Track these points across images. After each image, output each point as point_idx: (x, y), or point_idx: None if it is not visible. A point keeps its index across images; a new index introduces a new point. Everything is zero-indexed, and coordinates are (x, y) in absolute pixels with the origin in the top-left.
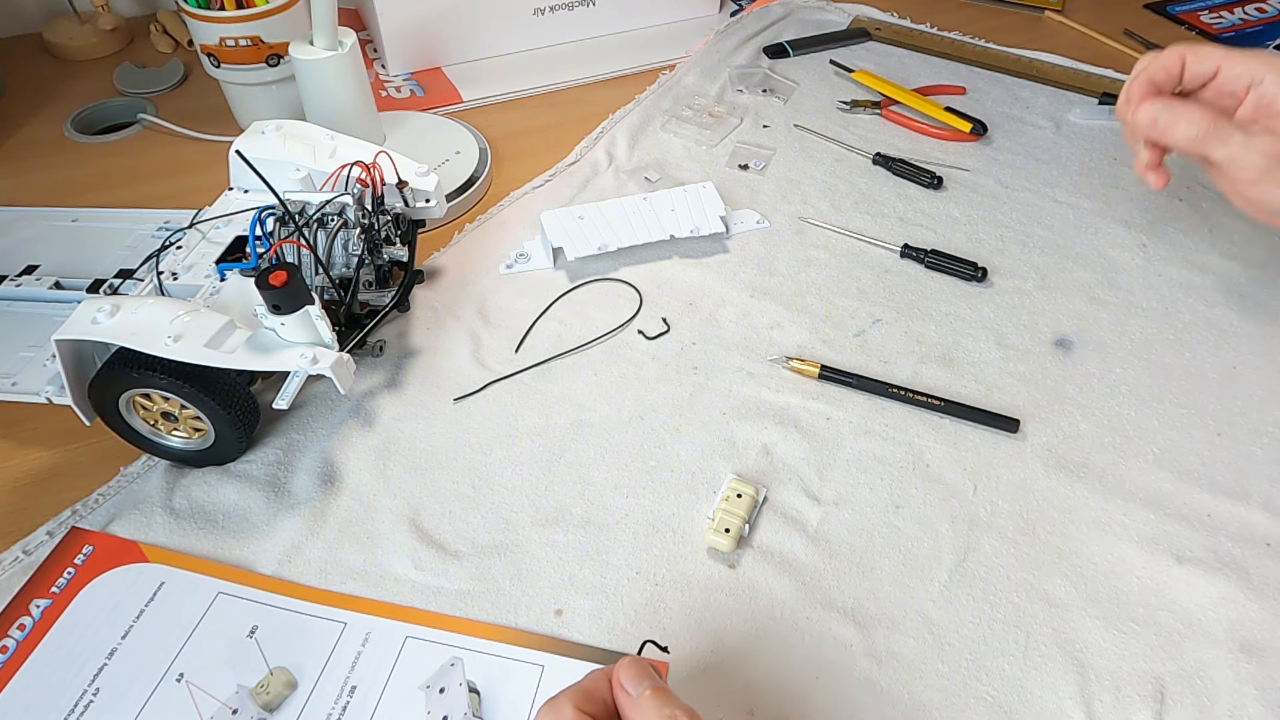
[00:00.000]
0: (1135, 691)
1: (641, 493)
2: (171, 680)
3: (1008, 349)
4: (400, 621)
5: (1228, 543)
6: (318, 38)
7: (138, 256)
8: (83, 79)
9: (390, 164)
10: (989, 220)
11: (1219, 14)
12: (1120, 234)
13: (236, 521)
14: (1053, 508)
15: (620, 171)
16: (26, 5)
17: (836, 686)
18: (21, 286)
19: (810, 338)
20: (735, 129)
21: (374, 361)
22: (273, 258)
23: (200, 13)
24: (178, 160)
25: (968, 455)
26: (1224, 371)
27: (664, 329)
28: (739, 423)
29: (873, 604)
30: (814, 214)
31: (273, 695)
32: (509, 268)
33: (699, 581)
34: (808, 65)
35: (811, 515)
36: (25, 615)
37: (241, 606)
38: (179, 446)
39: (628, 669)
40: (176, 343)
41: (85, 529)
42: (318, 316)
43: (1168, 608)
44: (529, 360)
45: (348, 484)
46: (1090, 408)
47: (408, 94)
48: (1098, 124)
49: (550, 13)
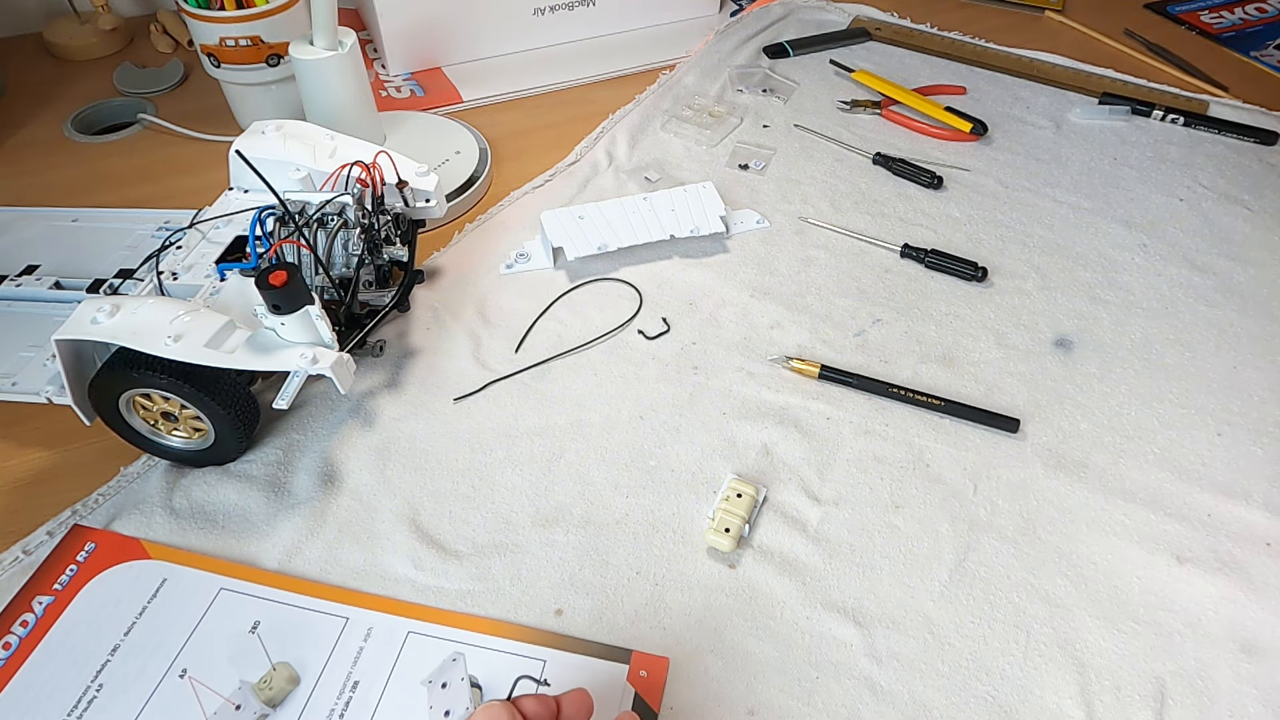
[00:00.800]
0: (1135, 691)
1: (641, 493)
2: (174, 676)
3: (1008, 349)
4: (402, 617)
5: (1228, 543)
6: (318, 38)
7: (138, 256)
8: (83, 79)
9: (390, 164)
10: (989, 220)
11: (1219, 14)
12: (1120, 234)
13: (237, 521)
14: (1053, 507)
15: (620, 171)
16: (26, 5)
17: (836, 686)
18: (21, 286)
19: (810, 338)
20: (735, 129)
21: (374, 361)
22: (273, 258)
23: (200, 13)
24: (178, 160)
25: (968, 455)
26: (1224, 371)
27: (664, 329)
28: (739, 423)
29: (873, 604)
30: (814, 214)
31: (275, 690)
32: (509, 268)
33: (699, 581)
34: (808, 65)
35: (811, 515)
36: (28, 612)
37: (244, 602)
38: (179, 446)
39: (530, 704)
40: (176, 343)
41: (87, 527)
42: (318, 316)
43: (1168, 608)
44: (529, 360)
45: (348, 484)
46: (1090, 408)
47: (408, 94)
48: (1098, 124)
49: (550, 13)
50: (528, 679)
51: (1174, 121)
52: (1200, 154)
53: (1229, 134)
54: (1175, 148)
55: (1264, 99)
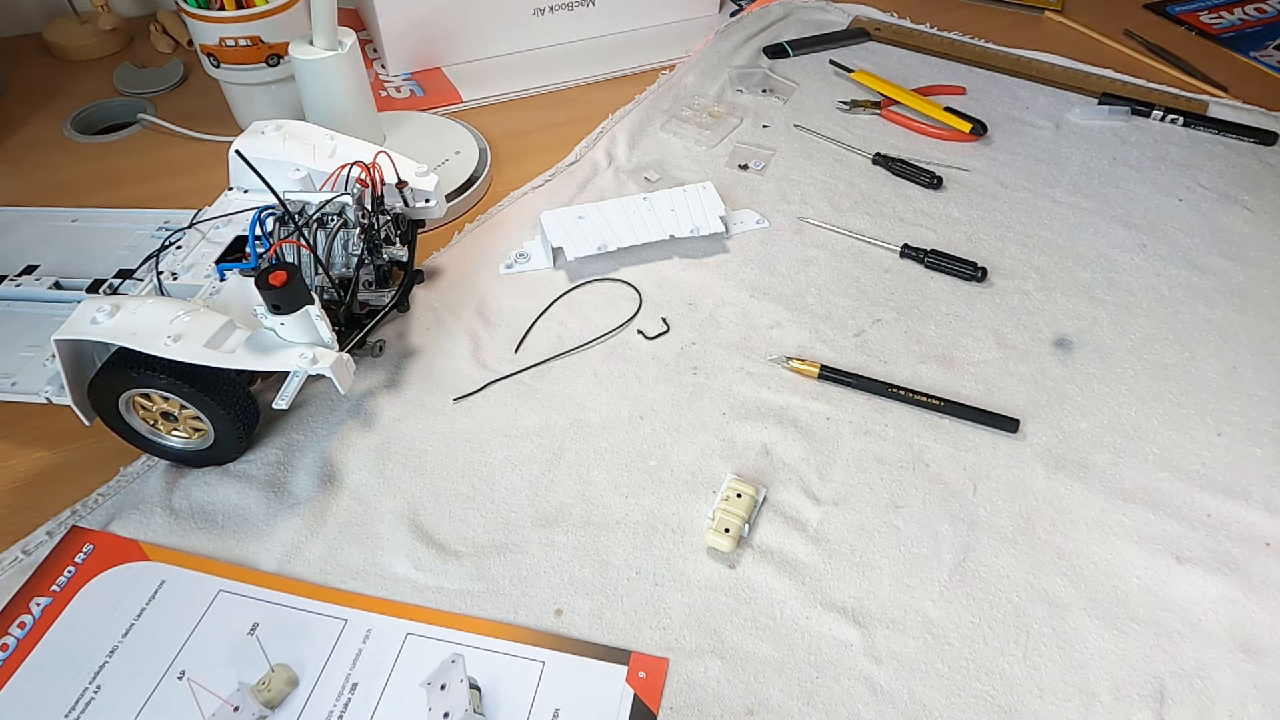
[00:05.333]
0: (1135, 691)
1: (641, 493)
2: (173, 678)
3: (1008, 349)
4: (401, 619)
5: (1228, 543)
6: (318, 38)
7: (137, 256)
8: (83, 79)
9: (390, 164)
10: (989, 220)
11: (1219, 14)
12: (1120, 234)
13: (236, 521)
14: (1052, 507)
15: (620, 171)
16: (26, 5)
17: (836, 686)
18: (21, 286)
19: (810, 338)
20: (735, 129)
21: (374, 361)
22: (272, 258)
23: (200, 13)
24: (178, 160)
25: (968, 455)
26: (1224, 371)
27: (664, 329)
28: (739, 423)
29: (873, 604)
30: (814, 214)
31: (274, 692)
32: (509, 268)
33: (699, 581)
34: (808, 65)
35: (811, 515)
36: (26, 613)
37: (242, 604)
38: (179, 446)
39: None
40: (176, 343)
41: (85, 528)
42: (317, 316)
43: (1168, 608)
44: (529, 360)
45: (348, 484)
46: (1090, 408)
47: (408, 94)
48: (1098, 124)
49: (550, 13)
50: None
51: (1174, 122)
52: (1200, 154)
53: (1229, 134)
54: (1175, 148)
55: (1264, 99)
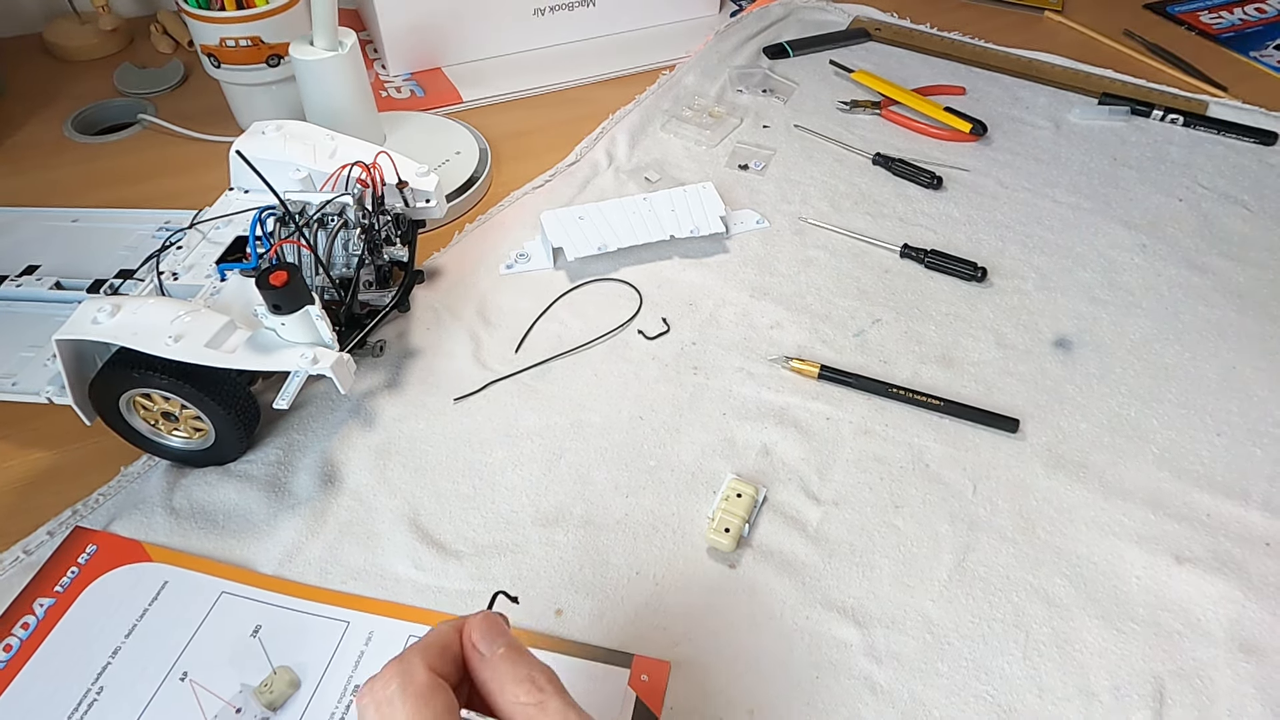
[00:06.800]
0: (1135, 691)
1: (641, 493)
2: (175, 679)
3: (1008, 349)
4: (403, 621)
5: (1228, 543)
6: (318, 38)
7: (138, 256)
8: (83, 79)
9: (390, 164)
10: (989, 220)
11: (1219, 14)
12: (1120, 234)
13: (237, 521)
14: (1052, 507)
15: (620, 171)
16: (26, 5)
17: (836, 686)
18: (22, 286)
19: (810, 338)
20: (735, 129)
21: (374, 361)
22: (273, 258)
23: (200, 13)
24: (178, 160)
25: (967, 455)
26: (1224, 371)
27: (664, 329)
28: (739, 423)
29: (873, 604)
30: (814, 214)
31: (276, 694)
32: (509, 268)
33: (699, 581)
34: (808, 65)
35: (811, 515)
36: (29, 614)
37: (245, 606)
38: (179, 446)
39: (480, 626)
40: (177, 343)
41: (88, 528)
42: (318, 316)
43: (1168, 608)
44: (529, 360)
45: (348, 484)
46: (1090, 408)
47: (408, 94)
48: (1098, 124)
49: (550, 13)
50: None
51: (1174, 122)
52: (1200, 154)
53: (1229, 134)
54: (1175, 148)
55: (1264, 99)
